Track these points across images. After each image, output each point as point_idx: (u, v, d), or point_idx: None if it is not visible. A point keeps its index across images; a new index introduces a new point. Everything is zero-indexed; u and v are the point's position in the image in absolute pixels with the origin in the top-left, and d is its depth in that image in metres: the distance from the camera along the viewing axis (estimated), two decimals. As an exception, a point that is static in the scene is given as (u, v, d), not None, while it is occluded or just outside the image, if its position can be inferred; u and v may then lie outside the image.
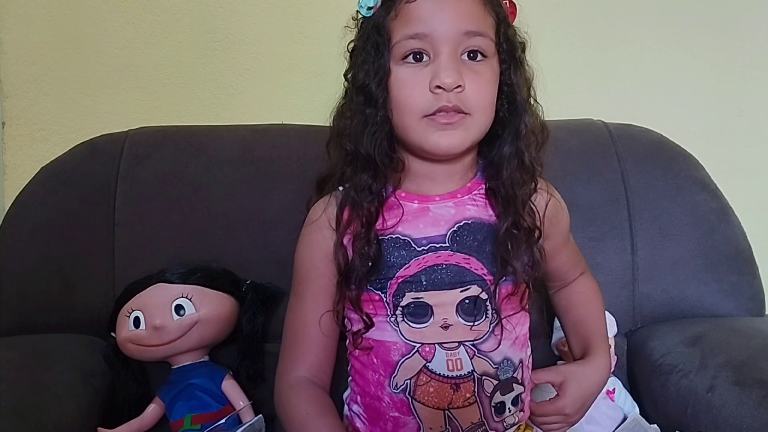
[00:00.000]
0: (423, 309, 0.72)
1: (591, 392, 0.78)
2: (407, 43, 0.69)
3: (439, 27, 0.68)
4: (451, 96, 0.68)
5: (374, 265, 0.72)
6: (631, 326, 1.04)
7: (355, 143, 0.72)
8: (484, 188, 0.76)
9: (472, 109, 0.70)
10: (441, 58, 0.68)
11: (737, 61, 1.27)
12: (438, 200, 0.75)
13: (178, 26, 1.19)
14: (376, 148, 0.72)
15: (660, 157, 1.09)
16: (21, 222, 1.01)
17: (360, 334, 0.74)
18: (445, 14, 0.69)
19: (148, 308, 0.90)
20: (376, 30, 0.71)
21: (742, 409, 0.79)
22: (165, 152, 1.04)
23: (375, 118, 0.71)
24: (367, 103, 0.72)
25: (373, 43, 0.71)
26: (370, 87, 0.71)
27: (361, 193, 0.73)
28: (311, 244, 0.77)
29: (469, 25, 0.69)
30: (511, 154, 0.74)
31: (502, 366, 0.73)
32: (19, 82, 1.17)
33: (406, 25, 0.70)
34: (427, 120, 0.70)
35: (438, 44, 0.68)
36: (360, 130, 0.72)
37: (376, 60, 0.71)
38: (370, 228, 0.72)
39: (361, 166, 0.73)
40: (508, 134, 0.74)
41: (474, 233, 0.73)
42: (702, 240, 1.04)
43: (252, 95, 1.21)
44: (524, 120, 0.74)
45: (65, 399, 0.82)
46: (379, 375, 0.73)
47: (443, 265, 0.72)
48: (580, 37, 1.25)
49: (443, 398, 0.71)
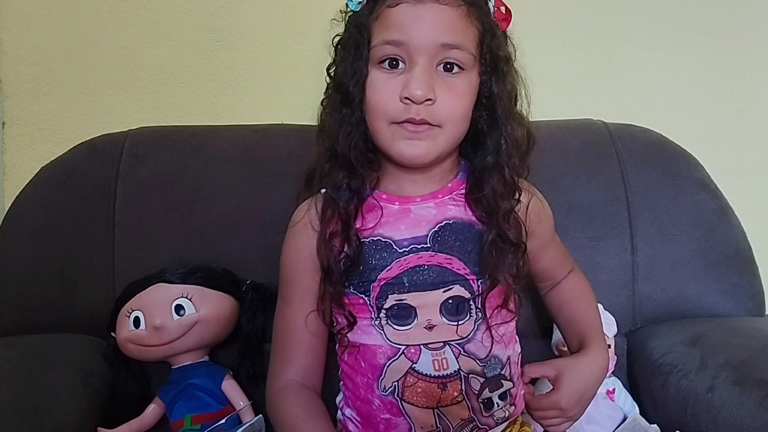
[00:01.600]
0: (406, 311, 0.72)
1: (588, 386, 0.76)
2: (384, 48, 0.69)
3: (416, 36, 0.68)
4: (420, 108, 0.68)
5: (353, 264, 0.71)
6: (631, 326, 1.03)
7: (332, 141, 0.73)
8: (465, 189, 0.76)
9: (441, 122, 0.69)
10: (415, 69, 0.68)
11: (737, 61, 1.27)
12: (419, 201, 0.75)
13: (178, 26, 1.19)
14: (351, 148, 0.72)
15: (660, 157, 1.09)
16: (21, 222, 1.01)
17: (344, 332, 0.74)
18: (424, 24, 0.68)
19: (148, 308, 0.90)
20: (357, 29, 0.71)
21: (742, 409, 0.79)
22: (165, 152, 1.04)
23: (350, 119, 0.71)
24: (344, 102, 0.72)
25: (354, 42, 0.71)
26: (347, 86, 0.71)
27: (338, 191, 0.73)
28: (295, 247, 0.77)
29: (446, 38, 0.68)
30: (492, 166, 0.74)
31: (489, 363, 0.73)
32: (19, 82, 1.18)
33: (384, 30, 0.69)
34: (396, 127, 0.70)
35: (413, 53, 0.68)
36: (336, 128, 0.72)
37: (355, 60, 0.71)
38: (348, 226, 0.72)
39: (337, 163, 0.73)
40: (489, 146, 0.74)
41: (455, 233, 0.73)
42: (702, 240, 1.04)
43: (252, 95, 1.21)
44: (504, 132, 0.73)
45: (65, 399, 0.82)
46: (368, 378, 0.73)
47: (425, 266, 0.72)
48: (580, 37, 1.24)
49: (431, 398, 0.71)
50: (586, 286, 0.86)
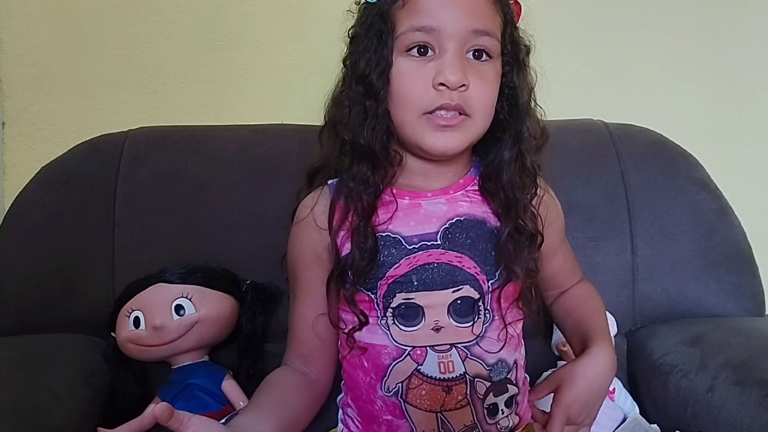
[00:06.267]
0: (414, 310, 0.71)
1: (593, 388, 0.72)
2: (413, 35, 0.67)
3: (448, 22, 0.66)
4: (454, 94, 0.67)
5: (372, 259, 0.70)
6: (631, 326, 1.04)
7: (354, 133, 0.70)
8: (478, 184, 0.75)
9: (473, 111, 0.68)
10: (447, 55, 0.67)
11: (737, 61, 1.27)
12: (430, 196, 0.73)
13: (178, 26, 1.19)
14: (376, 141, 0.69)
15: (660, 157, 1.09)
16: (21, 222, 1.01)
17: (353, 331, 0.72)
18: (455, 9, 0.67)
19: (148, 308, 0.90)
20: (380, 17, 0.69)
21: (742, 409, 0.79)
22: (165, 152, 1.04)
23: (375, 110, 0.69)
24: (367, 95, 0.69)
25: (376, 31, 0.69)
26: (371, 78, 0.69)
27: (360, 185, 0.70)
28: (300, 243, 0.76)
29: (477, 23, 0.67)
30: (512, 157, 0.73)
31: (496, 368, 0.72)
32: (19, 82, 1.17)
33: (413, 16, 0.67)
34: (426, 118, 0.68)
35: (445, 40, 0.67)
36: (359, 121, 0.70)
37: (378, 49, 0.68)
38: (368, 221, 0.70)
39: (359, 157, 0.70)
40: (508, 137, 0.73)
41: (467, 230, 0.72)
42: (702, 240, 1.04)
43: (252, 95, 1.21)
44: (526, 123, 0.72)
45: (65, 399, 0.82)
46: (371, 378, 0.72)
47: (435, 264, 0.70)
48: (580, 37, 1.25)
49: (435, 401, 0.70)
50: (594, 293, 0.84)
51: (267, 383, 0.73)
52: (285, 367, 0.76)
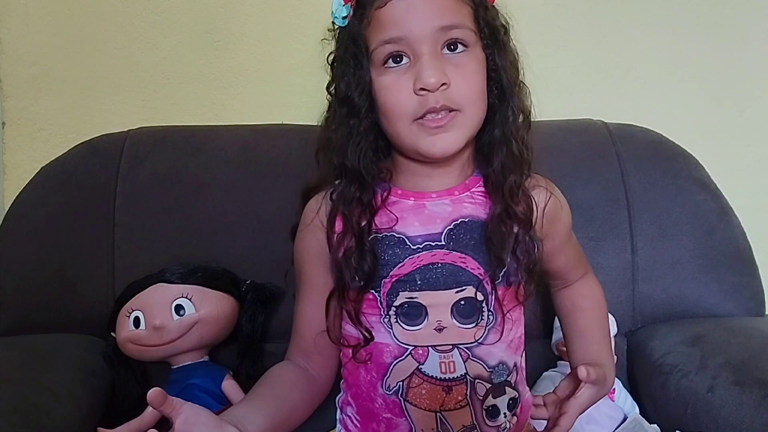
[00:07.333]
0: (417, 309, 0.71)
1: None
2: (383, 48, 0.68)
3: (414, 28, 0.67)
4: (437, 96, 0.67)
5: (368, 280, 0.71)
6: (631, 326, 1.04)
7: (341, 156, 0.72)
8: (483, 184, 0.75)
9: (461, 105, 0.68)
10: (422, 59, 0.67)
11: (737, 61, 1.27)
12: (434, 197, 0.74)
13: (178, 26, 1.19)
14: (361, 159, 0.71)
15: (660, 157, 1.09)
16: (21, 222, 1.01)
17: (358, 348, 0.73)
18: (417, 13, 0.67)
19: (148, 308, 0.90)
20: (352, 40, 0.70)
21: (742, 409, 0.79)
22: (165, 152, 1.04)
23: (358, 128, 0.71)
24: (350, 114, 0.71)
25: (351, 54, 0.70)
26: (352, 97, 0.70)
27: (350, 205, 0.72)
28: (308, 244, 0.76)
29: (442, 20, 0.68)
30: (500, 140, 0.73)
31: (497, 369, 0.72)
32: (19, 82, 1.18)
33: (380, 31, 0.68)
34: (418, 124, 0.69)
35: (415, 45, 0.67)
36: (344, 141, 0.71)
37: (356, 70, 0.70)
38: (362, 241, 0.71)
39: (348, 178, 0.72)
40: (497, 119, 0.73)
41: (470, 231, 0.72)
42: (702, 240, 1.04)
43: (252, 95, 1.21)
44: (511, 105, 0.72)
45: (65, 399, 0.82)
46: (372, 376, 0.73)
47: (438, 264, 0.71)
48: (580, 37, 1.25)
49: (435, 400, 0.71)
50: (600, 295, 0.84)
51: (266, 376, 0.74)
52: (286, 361, 0.77)
